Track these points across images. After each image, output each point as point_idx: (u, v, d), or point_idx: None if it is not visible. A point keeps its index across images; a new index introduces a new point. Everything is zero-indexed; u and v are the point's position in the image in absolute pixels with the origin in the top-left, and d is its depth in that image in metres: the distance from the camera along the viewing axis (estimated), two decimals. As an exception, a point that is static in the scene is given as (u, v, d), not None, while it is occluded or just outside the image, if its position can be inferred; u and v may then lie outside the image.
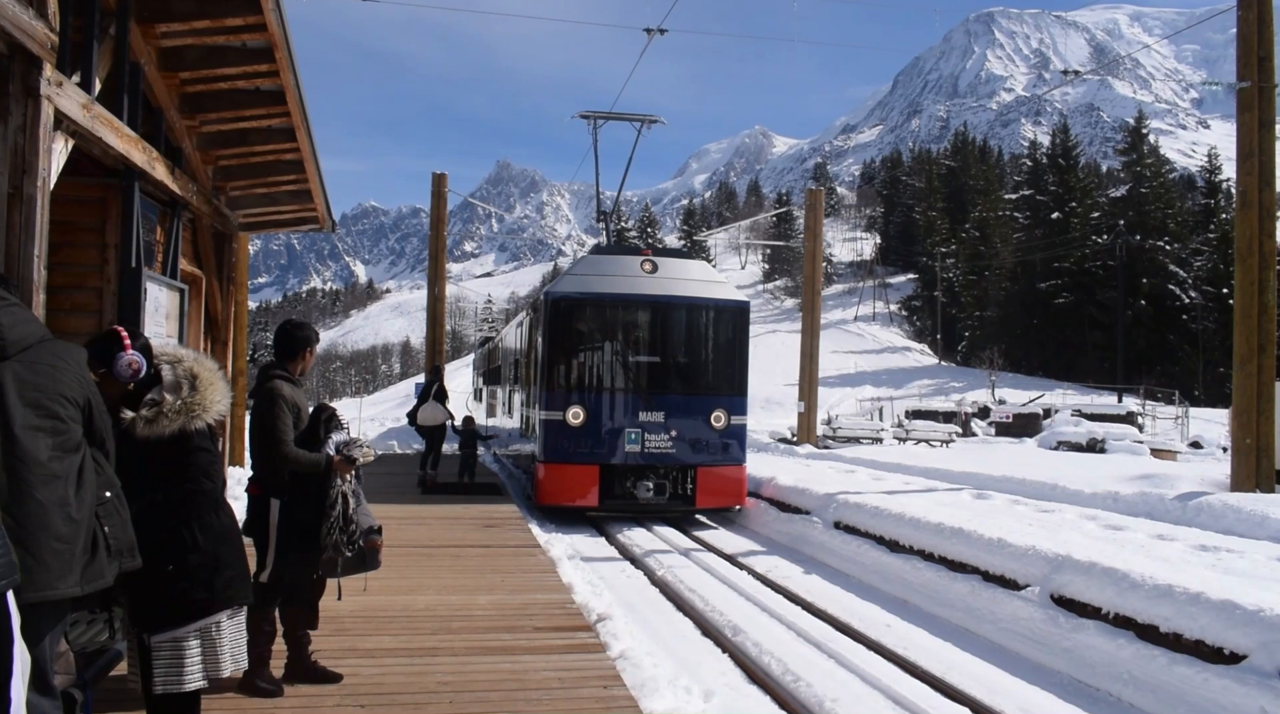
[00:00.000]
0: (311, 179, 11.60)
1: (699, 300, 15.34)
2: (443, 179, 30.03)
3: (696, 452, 14.91)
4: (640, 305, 15.09)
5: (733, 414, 15.25)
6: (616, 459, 14.66)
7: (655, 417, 14.73)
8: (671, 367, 15.25)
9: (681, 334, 15.45)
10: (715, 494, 15.08)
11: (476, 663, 6.31)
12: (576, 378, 14.94)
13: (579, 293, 15.02)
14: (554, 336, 14.88)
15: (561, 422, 14.54)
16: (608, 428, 14.67)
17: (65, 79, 6.09)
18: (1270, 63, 14.95)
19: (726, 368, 15.54)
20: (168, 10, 8.00)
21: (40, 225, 5.71)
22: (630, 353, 15.05)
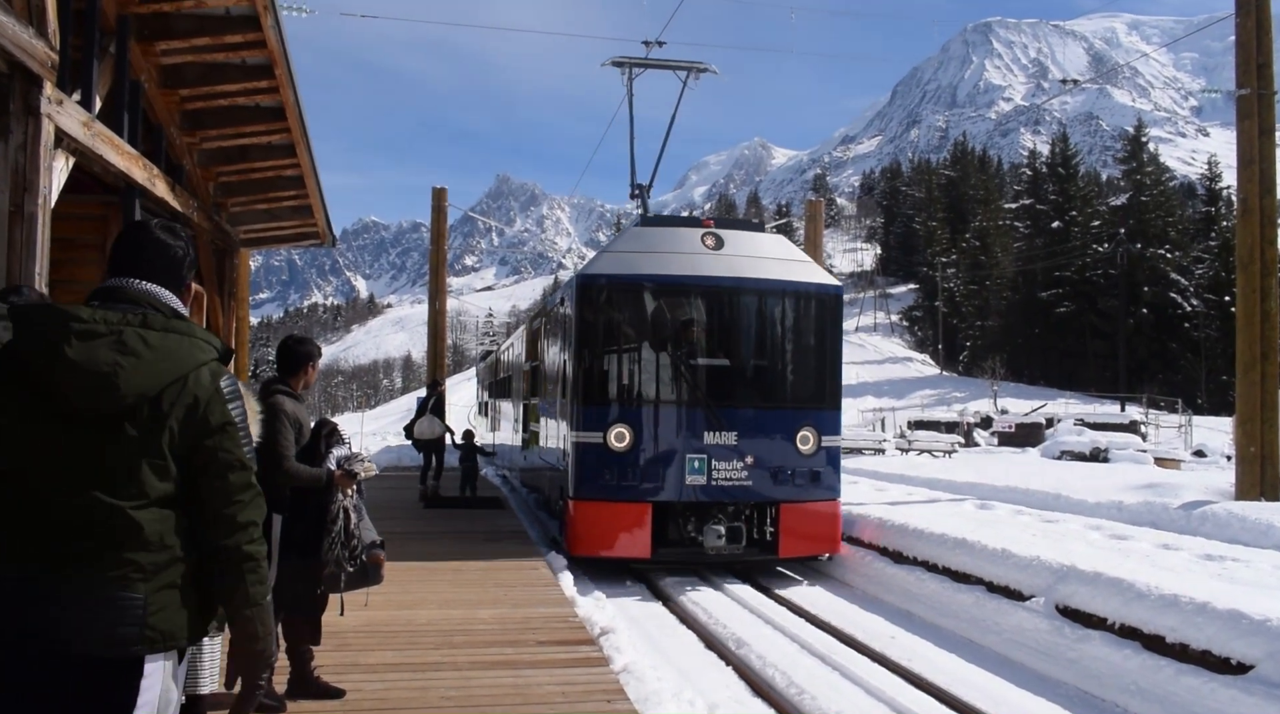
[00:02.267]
0: (312, 194, 11.63)
1: (779, 284, 11.81)
2: (443, 193, 30.07)
3: (779, 483, 11.42)
4: (702, 291, 11.60)
5: (824, 433, 11.72)
6: (674, 494, 11.16)
7: (725, 438, 11.22)
8: (744, 372, 11.84)
9: (757, 329, 11.98)
10: (804, 538, 11.63)
11: (479, 678, 6.28)
12: (620, 388, 11.58)
13: (621, 276, 11.55)
14: (589, 334, 11.53)
15: (601, 446, 11.11)
16: (662, 453, 11.20)
17: (66, 97, 6.11)
18: (1269, 70, 14.99)
19: (815, 373, 12.13)
20: (167, 28, 8.03)
21: (41, 243, 5.71)
22: (690, 354, 11.52)
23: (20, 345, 2.54)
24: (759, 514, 11.60)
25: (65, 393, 2.50)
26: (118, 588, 2.51)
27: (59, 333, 2.50)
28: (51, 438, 2.51)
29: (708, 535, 11.08)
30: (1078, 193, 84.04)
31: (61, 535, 2.50)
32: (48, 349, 2.50)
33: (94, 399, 2.50)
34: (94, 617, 2.49)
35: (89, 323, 2.54)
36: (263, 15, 7.89)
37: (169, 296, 2.74)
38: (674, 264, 11.56)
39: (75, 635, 2.47)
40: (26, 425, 2.51)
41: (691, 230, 12.07)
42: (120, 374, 2.51)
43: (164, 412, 2.58)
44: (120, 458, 2.54)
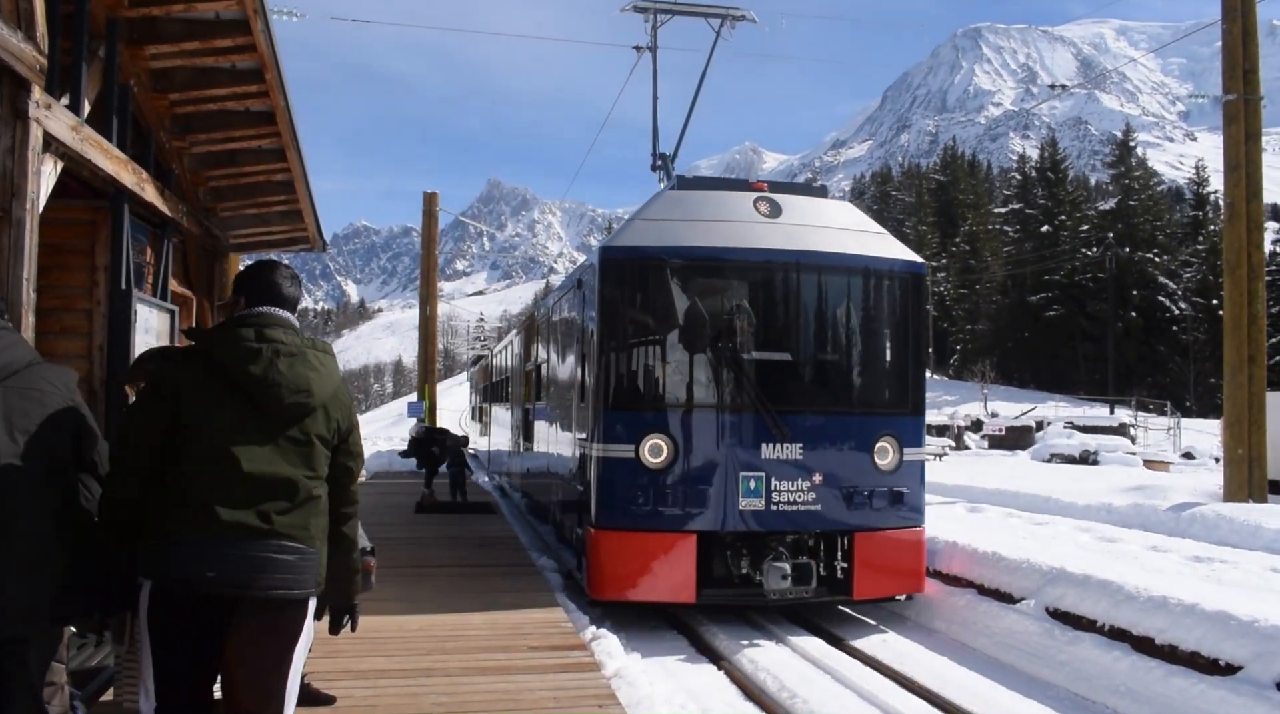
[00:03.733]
0: (302, 199, 11.61)
1: (851, 260, 9.58)
2: (434, 198, 30.07)
3: (853, 507, 9.17)
4: (756, 268, 9.36)
5: (905, 444, 9.42)
6: (724, 522, 8.93)
7: (787, 451, 8.98)
8: (810, 369, 9.64)
9: (825, 315, 9.73)
10: (883, 574, 9.38)
11: (471, 683, 6.27)
12: (655, 390, 9.33)
13: (656, 248, 9.28)
14: (616, 322, 9.37)
15: (632, 462, 8.89)
16: (709, 471, 8.97)
17: (54, 101, 6.09)
18: (1255, 75, 15.08)
19: (895, 369, 9.88)
20: (156, 32, 8.00)
21: (29, 248, 5.68)
22: (742, 347, 9.20)
23: (230, 360, 3.40)
24: (826, 545, 9.35)
25: (277, 397, 3.41)
26: (306, 544, 3.45)
27: (272, 352, 3.44)
28: (262, 429, 3.40)
29: (770, 575, 8.76)
30: (1067, 197, 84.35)
31: (270, 502, 3.37)
32: (264, 362, 3.41)
33: (296, 401, 3.45)
34: (290, 566, 3.38)
35: (289, 346, 3.49)
36: (253, 19, 7.87)
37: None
38: (720, 234, 9.31)
39: (277, 582, 3.35)
40: (242, 421, 3.38)
41: (741, 194, 9.78)
42: (314, 381, 3.50)
43: (330, 413, 3.57)
44: (310, 445, 3.50)
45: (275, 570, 3.36)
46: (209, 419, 3.37)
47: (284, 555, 3.37)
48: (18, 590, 3.45)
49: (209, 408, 3.38)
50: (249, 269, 3.83)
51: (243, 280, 3.73)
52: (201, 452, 3.35)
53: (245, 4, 7.65)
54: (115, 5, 7.38)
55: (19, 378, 3.58)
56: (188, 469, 3.36)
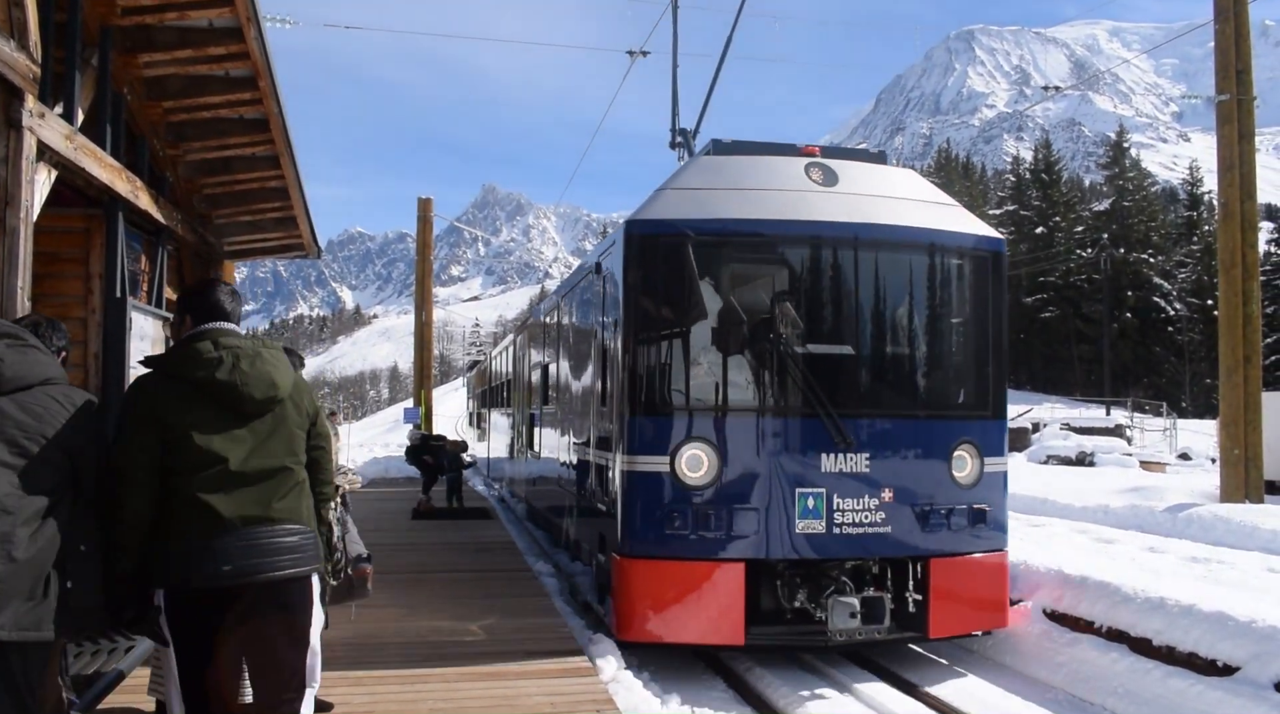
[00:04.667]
0: (296, 206, 11.60)
1: (922, 235, 8.23)
2: (428, 203, 30.08)
3: (928, 528, 7.85)
4: (812, 244, 8.05)
5: (986, 452, 8.13)
6: (777, 548, 7.59)
7: (852, 462, 7.69)
8: (876, 364, 8.28)
9: (892, 300, 8.30)
10: (963, 607, 8.01)
11: (468, 689, 6.27)
12: (694, 390, 7.88)
13: (692, 222, 7.90)
14: (646, 309, 7.94)
15: (667, 476, 7.57)
16: (759, 487, 7.61)
17: (48, 110, 6.09)
18: (1248, 75, 15.13)
19: (974, 365, 8.45)
20: (149, 40, 8.00)
21: (23, 257, 5.68)
22: (797, 338, 7.92)
23: (197, 372, 3.68)
24: (895, 573, 7.92)
25: (249, 395, 3.70)
26: (301, 524, 3.80)
27: (232, 357, 3.72)
28: (239, 426, 3.70)
29: (836, 612, 7.41)
30: (1061, 198, 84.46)
31: (266, 493, 3.69)
32: (226, 368, 3.69)
33: (264, 394, 3.75)
34: (294, 547, 3.73)
35: (245, 348, 3.78)
36: (246, 27, 7.88)
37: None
38: (767, 205, 8.00)
39: (285, 563, 3.69)
40: (220, 424, 3.66)
41: (789, 160, 8.46)
42: (275, 375, 3.80)
43: (297, 401, 3.90)
44: (287, 432, 3.82)
45: (282, 553, 3.69)
46: (192, 428, 3.62)
47: (287, 538, 3.72)
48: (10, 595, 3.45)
49: (188, 419, 3.63)
50: (190, 290, 4.13)
51: (186, 301, 4.01)
52: (191, 460, 3.60)
53: (238, 12, 7.66)
54: (108, 14, 7.38)
55: (27, 394, 3.63)
56: (183, 478, 3.59)
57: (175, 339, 4.14)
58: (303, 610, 3.87)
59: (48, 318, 4.17)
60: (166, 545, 3.61)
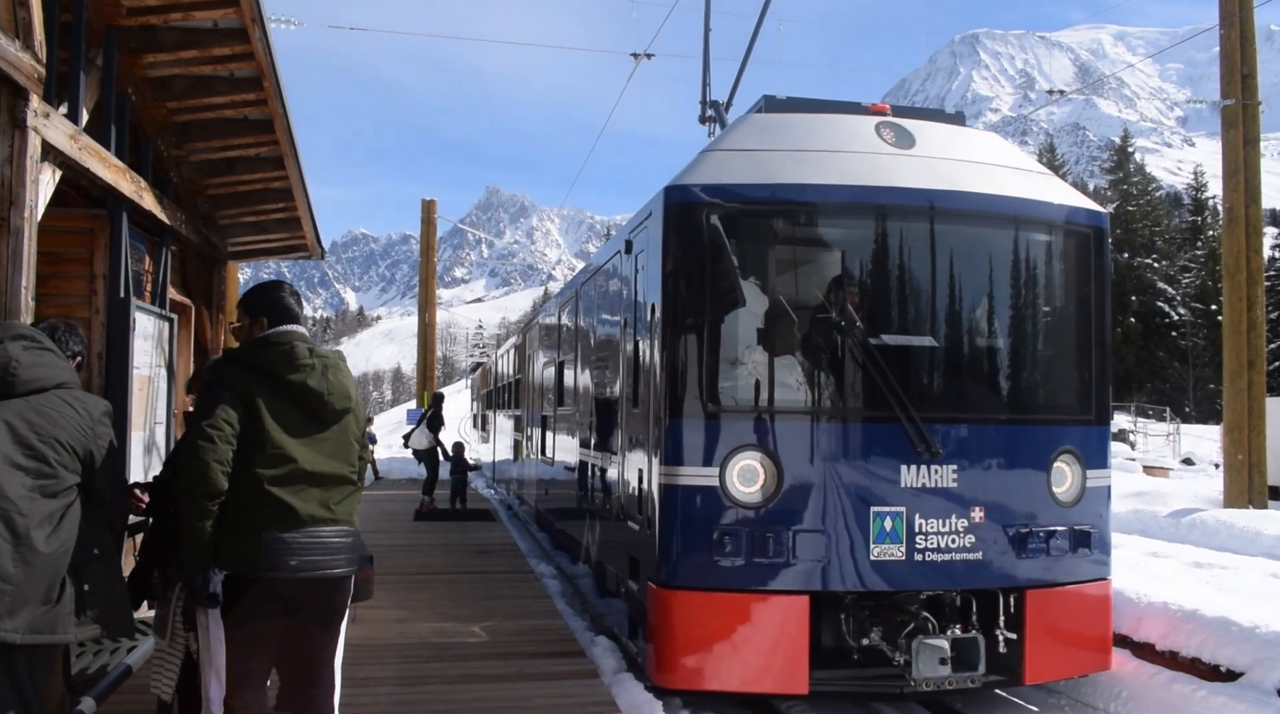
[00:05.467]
0: (300, 207, 11.61)
1: (1018, 207, 6.99)
2: (432, 205, 30.11)
3: (1025, 553, 6.68)
4: (889, 215, 6.81)
5: (1089, 464, 7.02)
6: (847, 579, 6.43)
7: (937, 475, 6.51)
8: (963, 358, 7.06)
9: (982, 283, 7.04)
10: (1063, 647, 6.81)
11: (470, 691, 6.26)
12: (746, 388, 6.73)
13: (745, 188, 6.70)
14: (689, 291, 6.65)
15: (714, 493, 6.40)
16: (826, 504, 6.45)
17: (52, 110, 6.09)
18: (1254, 80, 15.12)
19: (1075, 360, 7.24)
20: (154, 41, 8.01)
21: (28, 257, 5.69)
22: (871, 327, 6.70)
23: (292, 374, 3.91)
24: (989, 607, 6.63)
25: (330, 404, 3.99)
26: (353, 526, 4.08)
27: (322, 365, 3.99)
28: (315, 431, 3.96)
29: (922, 657, 6.21)
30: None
31: (330, 495, 3.96)
32: (318, 375, 3.95)
33: (341, 405, 4.03)
34: (347, 547, 3.99)
35: (329, 359, 4.05)
36: (250, 28, 7.88)
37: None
38: (834, 169, 6.77)
39: (340, 561, 3.95)
40: (301, 426, 3.91)
41: (857, 118, 7.26)
42: (349, 387, 4.10)
43: (358, 414, 4.17)
44: (349, 440, 4.10)
45: (339, 552, 3.96)
46: (274, 423, 3.85)
47: (343, 539, 3.99)
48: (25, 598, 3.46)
49: (273, 414, 3.86)
50: (262, 291, 4.20)
51: (260, 302, 4.12)
52: (268, 455, 3.82)
53: (243, 12, 7.66)
54: (113, 14, 7.39)
55: (41, 397, 3.66)
56: (256, 470, 3.80)
57: (241, 340, 4.19)
58: (343, 607, 4.14)
59: (66, 322, 4.19)
60: (236, 534, 3.78)
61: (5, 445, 3.51)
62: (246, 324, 4.16)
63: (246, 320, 4.16)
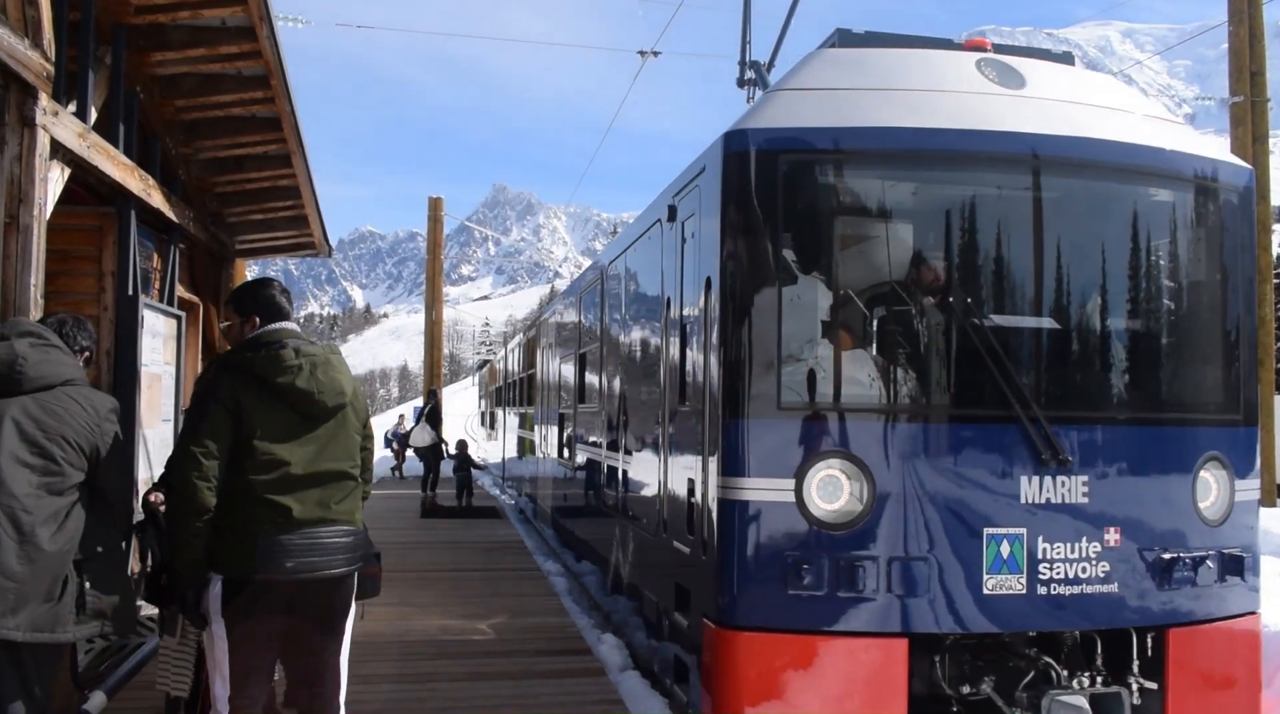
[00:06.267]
0: (308, 204, 11.63)
1: (1155, 158, 5.74)
2: (439, 203, 30.12)
3: (1167, 584, 5.50)
4: (1002, 166, 5.58)
5: (1237, 474, 5.83)
6: (956, 617, 5.21)
7: (1064, 488, 5.31)
8: (1091, 345, 5.80)
9: (1113, 251, 5.77)
10: (1210, 694, 5.62)
11: (476, 688, 6.28)
12: (826, 383, 5.39)
13: (826, 132, 5.47)
14: (754, 260, 5.38)
15: (789, 510, 5.20)
16: (927, 526, 5.25)
17: (61, 108, 6.11)
18: (1262, 77, 15.07)
19: (1219, 346, 6.00)
20: (163, 39, 8.02)
21: (37, 254, 5.70)
22: (981, 306, 5.51)
23: (279, 377, 3.85)
24: (1109, 646, 5.47)
25: (322, 402, 3.93)
26: (354, 525, 4.05)
27: (309, 365, 3.92)
28: (308, 431, 3.91)
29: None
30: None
31: (328, 495, 3.93)
32: (305, 375, 3.89)
33: (334, 401, 3.98)
34: (348, 546, 3.98)
35: (318, 356, 3.98)
36: (259, 26, 7.89)
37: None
38: (934, 112, 5.54)
39: (339, 561, 3.94)
40: (293, 428, 3.87)
41: (953, 55, 6.08)
42: (343, 382, 4.03)
43: (356, 406, 4.13)
44: (347, 436, 4.06)
45: (339, 552, 3.95)
46: (265, 429, 3.84)
47: (343, 539, 3.97)
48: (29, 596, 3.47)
49: (264, 420, 3.84)
50: (250, 289, 4.23)
51: (251, 301, 4.11)
52: (260, 460, 3.81)
53: (251, 10, 7.68)
54: (121, 12, 7.40)
55: (49, 394, 3.66)
56: (250, 476, 3.80)
57: (232, 339, 4.17)
58: (346, 607, 4.12)
59: (74, 316, 4.20)
60: (232, 538, 3.79)
61: (12, 443, 3.52)
62: (237, 323, 4.16)
63: (237, 320, 4.15)
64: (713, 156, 5.72)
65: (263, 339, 3.98)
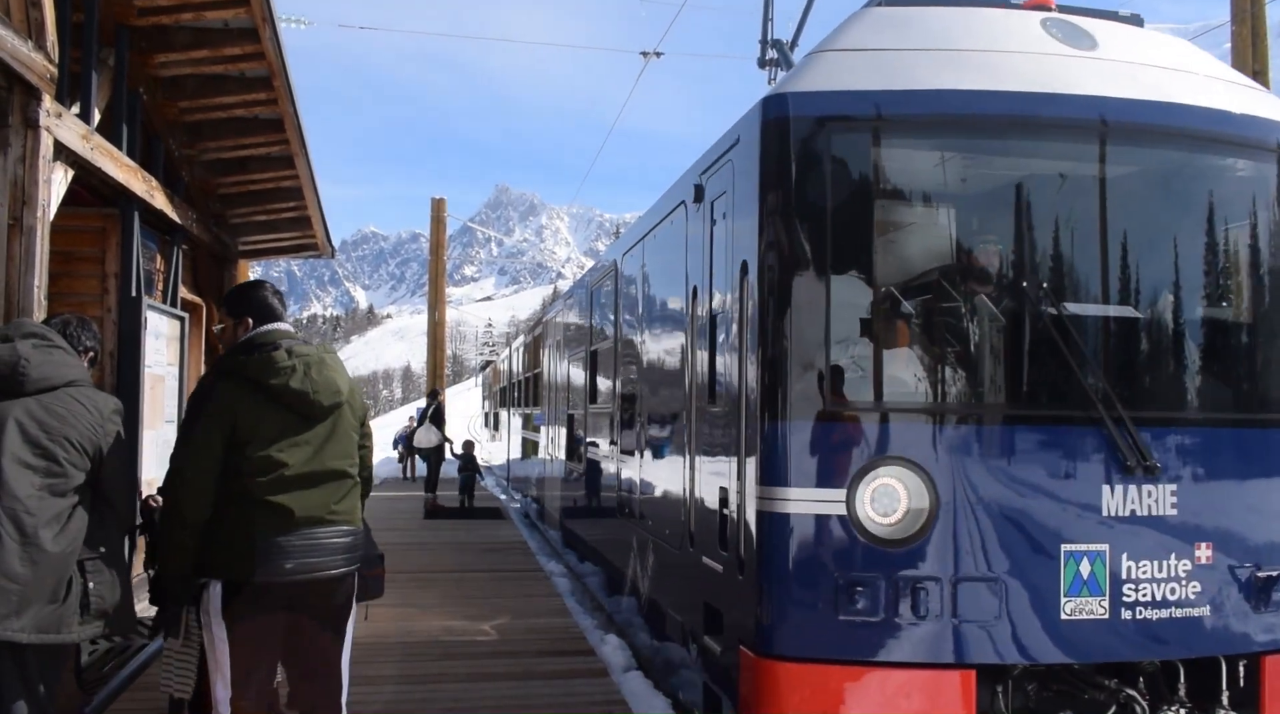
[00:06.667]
0: (310, 206, 11.64)
1: (1242, 127, 5.08)
2: (441, 204, 30.11)
3: (1264, 605, 4.83)
4: (1075, 134, 4.95)
5: None
6: (1030, 647, 4.58)
7: (1150, 499, 4.69)
8: (1176, 336, 5.17)
9: (1200, 230, 5.15)
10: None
11: (480, 689, 6.28)
12: (879, 378, 4.83)
13: (885, 96, 4.83)
14: (802, 244, 4.77)
15: (840, 525, 4.61)
16: (995, 543, 4.63)
17: (64, 110, 6.12)
18: (1265, 77, 15.03)
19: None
20: (166, 40, 8.04)
21: (40, 256, 5.72)
22: (1053, 292, 4.83)
23: (273, 379, 3.82)
24: (1196, 677, 4.84)
25: (317, 402, 3.89)
26: (354, 525, 4.05)
27: (303, 365, 3.89)
28: (305, 431, 3.88)
29: None
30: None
31: (327, 495, 3.91)
32: (299, 376, 3.86)
33: (330, 401, 3.95)
34: (347, 547, 3.96)
35: (311, 356, 3.95)
36: (261, 28, 7.91)
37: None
38: (998, 73, 4.97)
39: (339, 562, 3.92)
40: (289, 429, 3.84)
41: (1014, 14, 5.43)
42: (338, 381, 4.00)
43: (353, 405, 4.11)
44: (345, 435, 4.03)
45: (338, 552, 3.93)
46: (261, 433, 3.82)
47: (342, 539, 3.96)
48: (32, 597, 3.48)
49: (259, 423, 3.82)
50: (242, 292, 4.23)
51: (244, 303, 4.11)
52: (257, 463, 3.79)
53: (254, 12, 7.69)
54: (125, 14, 7.42)
55: (52, 395, 3.66)
56: (248, 479, 3.78)
57: (226, 342, 4.18)
58: (347, 607, 4.12)
59: (79, 317, 4.19)
60: (230, 541, 3.78)
61: (15, 444, 3.52)
62: (231, 326, 4.16)
63: (230, 322, 4.16)
64: (748, 126, 5.18)
65: (256, 341, 3.98)
